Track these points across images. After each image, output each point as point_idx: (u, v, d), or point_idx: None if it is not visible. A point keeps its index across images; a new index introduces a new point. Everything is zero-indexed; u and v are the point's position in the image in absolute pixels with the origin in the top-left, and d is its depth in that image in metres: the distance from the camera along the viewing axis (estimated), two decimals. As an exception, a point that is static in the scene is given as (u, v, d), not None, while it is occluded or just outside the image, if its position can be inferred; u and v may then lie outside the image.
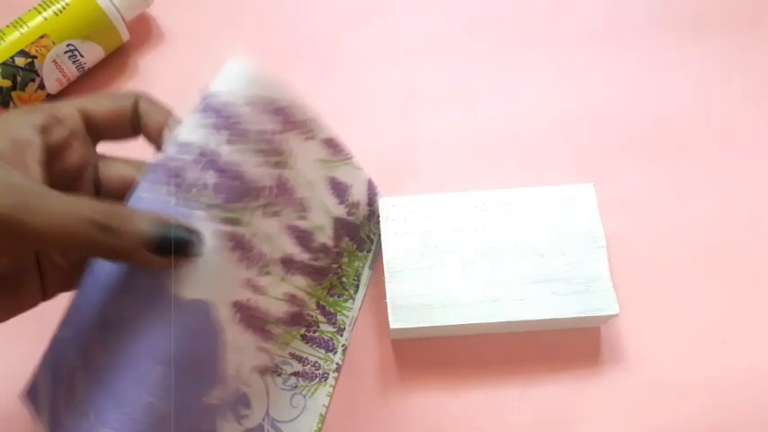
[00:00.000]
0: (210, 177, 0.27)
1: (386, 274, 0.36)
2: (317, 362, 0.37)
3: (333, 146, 0.34)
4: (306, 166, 0.32)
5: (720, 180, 0.43)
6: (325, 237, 0.36)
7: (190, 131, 0.27)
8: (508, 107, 0.45)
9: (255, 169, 0.29)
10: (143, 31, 0.47)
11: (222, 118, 0.27)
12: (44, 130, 0.26)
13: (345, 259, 0.39)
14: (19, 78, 0.40)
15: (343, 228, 0.38)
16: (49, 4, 0.41)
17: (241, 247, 0.29)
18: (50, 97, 0.43)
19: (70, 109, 0.27)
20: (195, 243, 0.26)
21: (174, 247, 0.25)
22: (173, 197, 0.26)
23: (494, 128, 0.44)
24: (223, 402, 0.31)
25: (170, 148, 0.27)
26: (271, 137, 0.29)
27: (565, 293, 0.36)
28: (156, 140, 0.28)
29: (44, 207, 0.23)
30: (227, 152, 0.27)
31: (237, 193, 0.28)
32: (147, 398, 0.26)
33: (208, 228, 0.27)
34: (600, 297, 0.35)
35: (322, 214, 0.35)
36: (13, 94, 0.41)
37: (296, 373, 0.37)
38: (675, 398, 0.37)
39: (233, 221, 0.28)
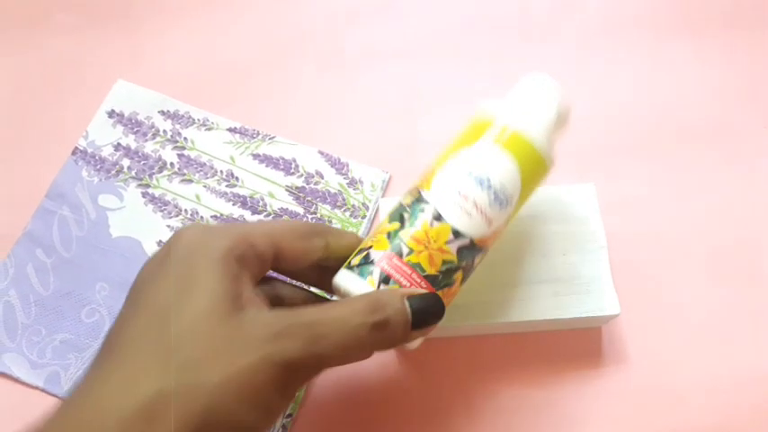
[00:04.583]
0: (124, 162, 0.42)
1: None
2: None
3: (238, 131, 0.43)
4: (213, 148, 0.43)
5: (720, 180, 0.42)
6: (278, 202, 0.41)
7: (102, 136, 0.42)
8: (508, 107, 0.45)
9: (155, 152, 0.43)
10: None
11: (127, 124, 0.43)
12: (240, 259, 0.25)
13: (337, 226, 0.41)
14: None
15: (311, 196, 0.41)
16: None
17: (153, 201, 0.41)
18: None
19: (265, 240, 0.27)
20: (440, 309, 0.27)
21: (425, 316, 0.26)
22: (94, 178, 0.41)
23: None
24: None
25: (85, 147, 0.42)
26: (165, 132, 0.43)
27: (566, 294, 0.35)
28: (336, 265, 0.29)
29: (324, 334, 0.24)
30: (132, 143, 0.43)
31: (144, 168, 0.42)
32: (94, 307, 0.38)
33: (130, 191, 0.41)
34: (601, 297, 0.35)
35: (260, 181, 0.42)
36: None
37: None
38: (677, 398, 0.37)
39: (145, 185, 0.42)
